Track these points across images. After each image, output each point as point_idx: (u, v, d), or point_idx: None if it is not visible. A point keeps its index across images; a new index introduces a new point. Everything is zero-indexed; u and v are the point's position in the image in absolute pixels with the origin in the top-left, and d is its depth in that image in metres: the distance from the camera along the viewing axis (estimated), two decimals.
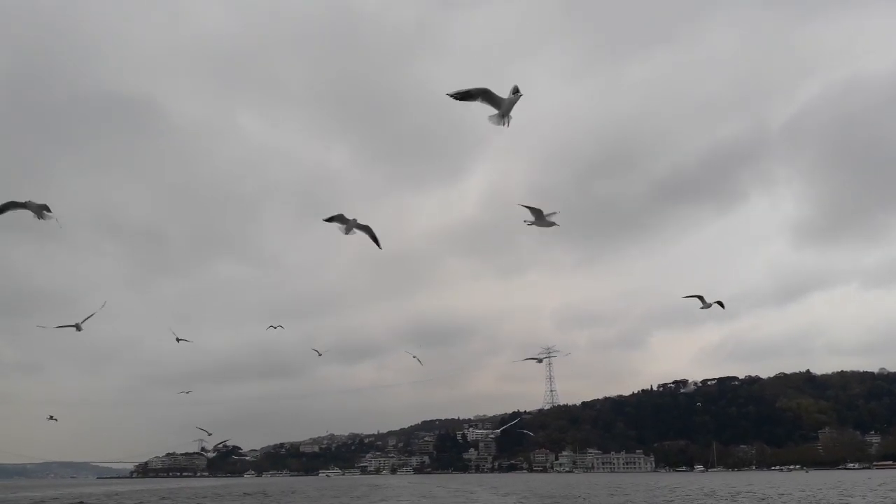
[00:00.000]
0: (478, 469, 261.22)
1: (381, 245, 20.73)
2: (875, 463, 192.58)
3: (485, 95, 13.98)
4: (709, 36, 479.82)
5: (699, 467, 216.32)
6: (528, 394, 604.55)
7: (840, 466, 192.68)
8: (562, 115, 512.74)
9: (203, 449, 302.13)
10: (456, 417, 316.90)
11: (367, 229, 19.89)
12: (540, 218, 18.16)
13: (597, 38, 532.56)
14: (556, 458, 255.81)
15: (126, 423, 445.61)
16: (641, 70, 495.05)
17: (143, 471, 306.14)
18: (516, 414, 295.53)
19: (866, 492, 53.45)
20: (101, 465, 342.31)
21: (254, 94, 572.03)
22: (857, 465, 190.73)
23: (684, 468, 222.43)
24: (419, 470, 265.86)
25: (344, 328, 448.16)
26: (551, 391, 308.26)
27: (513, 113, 14.37)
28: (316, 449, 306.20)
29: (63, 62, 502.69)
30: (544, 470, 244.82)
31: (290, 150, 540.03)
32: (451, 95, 13.67)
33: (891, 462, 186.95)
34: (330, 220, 19.23)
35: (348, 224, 19.48)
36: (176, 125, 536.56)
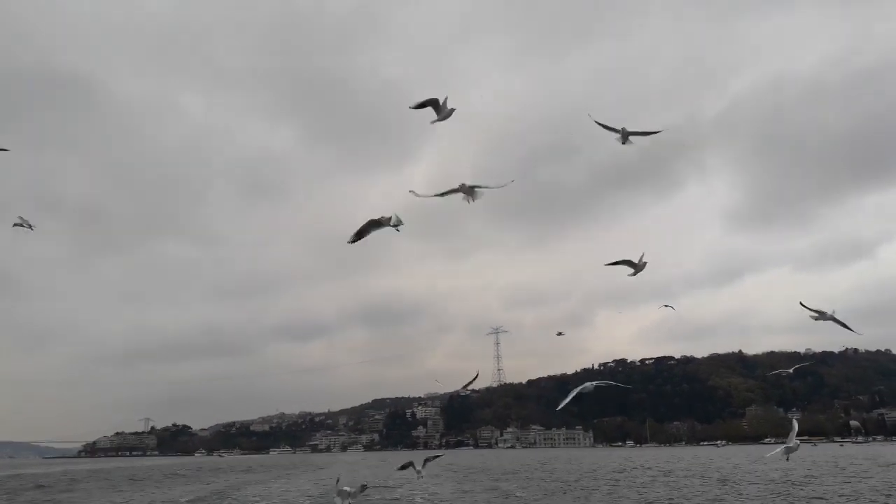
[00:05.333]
0: (426, 445, 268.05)
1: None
2: None
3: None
4: (646, 29, 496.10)
5: (630, 443, 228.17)
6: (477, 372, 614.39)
7: (760, 441, 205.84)
8: (506, 102, 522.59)
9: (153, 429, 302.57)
10: (406, 396, 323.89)
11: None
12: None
13: (539, 27, 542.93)
14: (501, 435, 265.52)
15: (69, 402, 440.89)
16: (583, 60, 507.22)
17: (92, 450, 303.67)
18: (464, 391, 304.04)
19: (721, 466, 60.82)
20: (42, 444, 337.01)
21: (196, 75, 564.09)
22: (773, 440, 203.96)
23: (619, 444, 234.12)
24: (369, 447, 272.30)
25: (292, 307, 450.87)
26: (499, 370, 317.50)
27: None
28: (266, 428, 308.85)
29: None
30: (489, 446, 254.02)
31: (234, 131, 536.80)
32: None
33: (805, 437, 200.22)
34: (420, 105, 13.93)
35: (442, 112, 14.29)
36: (116, 104, 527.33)
